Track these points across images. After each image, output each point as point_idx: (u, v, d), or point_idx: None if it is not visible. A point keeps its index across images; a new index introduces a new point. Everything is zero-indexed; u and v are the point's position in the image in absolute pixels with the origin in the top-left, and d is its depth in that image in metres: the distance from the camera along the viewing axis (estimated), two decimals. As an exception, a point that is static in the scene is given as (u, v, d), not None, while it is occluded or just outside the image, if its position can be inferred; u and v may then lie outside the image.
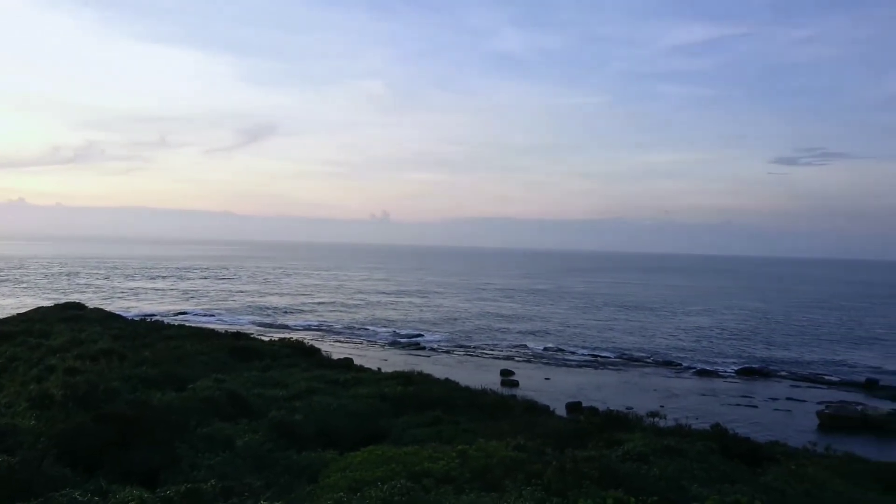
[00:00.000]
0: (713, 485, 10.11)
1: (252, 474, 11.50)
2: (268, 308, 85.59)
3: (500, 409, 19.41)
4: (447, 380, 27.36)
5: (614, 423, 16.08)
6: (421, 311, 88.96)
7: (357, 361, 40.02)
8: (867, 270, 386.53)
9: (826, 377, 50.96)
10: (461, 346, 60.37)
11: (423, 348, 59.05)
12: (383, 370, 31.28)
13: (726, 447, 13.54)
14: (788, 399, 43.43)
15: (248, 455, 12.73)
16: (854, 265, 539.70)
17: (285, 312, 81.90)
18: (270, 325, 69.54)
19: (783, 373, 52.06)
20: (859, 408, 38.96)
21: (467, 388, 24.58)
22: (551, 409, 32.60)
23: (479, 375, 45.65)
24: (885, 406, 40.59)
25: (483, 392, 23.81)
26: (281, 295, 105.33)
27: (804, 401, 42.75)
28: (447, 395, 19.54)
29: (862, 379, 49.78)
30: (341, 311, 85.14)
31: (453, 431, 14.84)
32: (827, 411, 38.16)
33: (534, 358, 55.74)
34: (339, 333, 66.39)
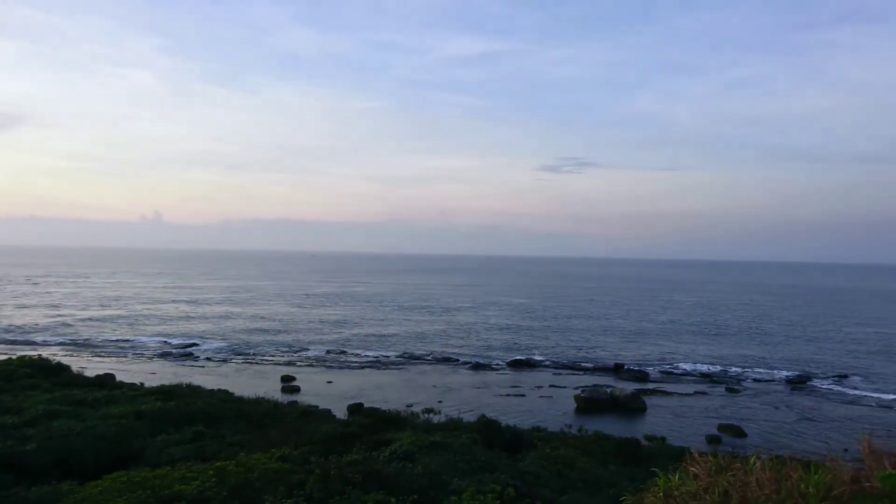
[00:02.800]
0: (474, 475, 10.47)
1: (-39, 521, 9.69)
2: (11, 324, 74.69)
3: (272, 418, 18.61)
4: (219, 390, 25.81)
5: (386, 423, 16.16)
6: (196, 318, 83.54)
7: (120, 377, 36.34)
8: (616, 267, 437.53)
9: (582, 364, 56.48)
10: (240, 354, 57.66)
11: (198, 358, 55.42)
12: (148, 385, 28.68)
13: (490, 437, 14.19)
14: (552, 386, 47.34)
15: (-40, 498, 10.74)
16: (607, 262, 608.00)
17: (34, 327, 72.10)
18: (13, 343, 60.73)
19: (547, 362, 56.77)
20: (609, 390, 43.66)
21: (240, 399, 23.35)
22: (332, 412, 32.33)
23: (257, 384, 43.87)
24: (629, 387, 45.91)
25: (256, 401, 22.74)
26: (28, 307, 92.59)
27: (564, 387, 46.89)
28: (214, 408, 18.25)
29: (611, 364, 55.91)
30: (104, 322, 77.01)
31: (217, 446, 13.84)
32: (582, 395, 42.22)
33: (316, 362, 54.91)
34: (100, 347, 59.92)
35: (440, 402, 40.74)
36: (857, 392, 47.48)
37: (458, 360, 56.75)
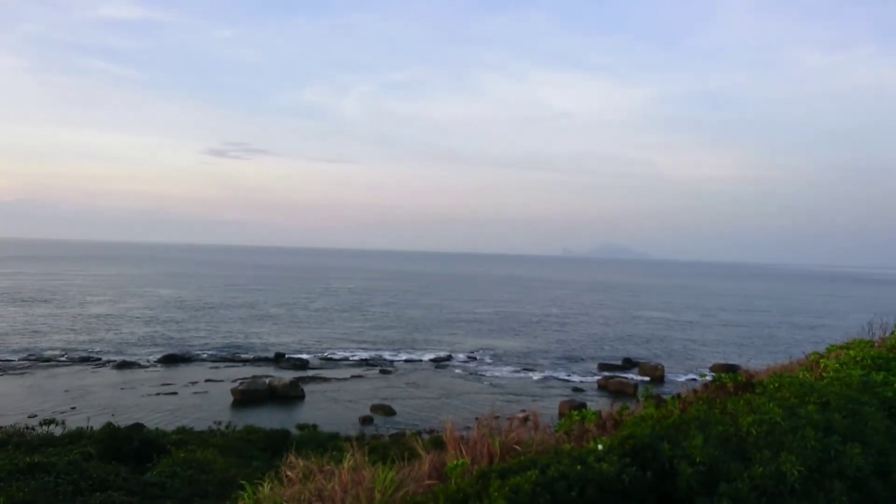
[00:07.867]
0: (79, 498, 9.02)
1: None
2: None
3: None
4: None
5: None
6: None
7: None
8: (280, 255, 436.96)
9: (241, 355, 54.86)
10: None
11: None
12: None
13: (114, 448, 12.56)
14: (208, 381, 44.99)
15: None
16: (272, 251, 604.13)
17: None
18: None
19: (203, 356, 53.85)
20: (267, 380, 43.13)
21: None
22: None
23: None
24: (288, 375, 45.93)
25: None
26: None
27: (222, 381, 44.95)
28: None
29: (272, 354, 55.26)
30: None
31: None
32: (240, 388, 40.95)
33: None
34: None
35: (73, 408, 35.89)
36: (483, 369, 54.13)
37: (99, 360, 50.64)
